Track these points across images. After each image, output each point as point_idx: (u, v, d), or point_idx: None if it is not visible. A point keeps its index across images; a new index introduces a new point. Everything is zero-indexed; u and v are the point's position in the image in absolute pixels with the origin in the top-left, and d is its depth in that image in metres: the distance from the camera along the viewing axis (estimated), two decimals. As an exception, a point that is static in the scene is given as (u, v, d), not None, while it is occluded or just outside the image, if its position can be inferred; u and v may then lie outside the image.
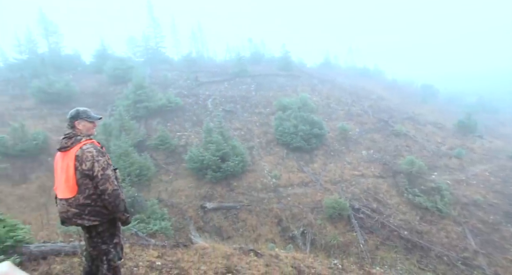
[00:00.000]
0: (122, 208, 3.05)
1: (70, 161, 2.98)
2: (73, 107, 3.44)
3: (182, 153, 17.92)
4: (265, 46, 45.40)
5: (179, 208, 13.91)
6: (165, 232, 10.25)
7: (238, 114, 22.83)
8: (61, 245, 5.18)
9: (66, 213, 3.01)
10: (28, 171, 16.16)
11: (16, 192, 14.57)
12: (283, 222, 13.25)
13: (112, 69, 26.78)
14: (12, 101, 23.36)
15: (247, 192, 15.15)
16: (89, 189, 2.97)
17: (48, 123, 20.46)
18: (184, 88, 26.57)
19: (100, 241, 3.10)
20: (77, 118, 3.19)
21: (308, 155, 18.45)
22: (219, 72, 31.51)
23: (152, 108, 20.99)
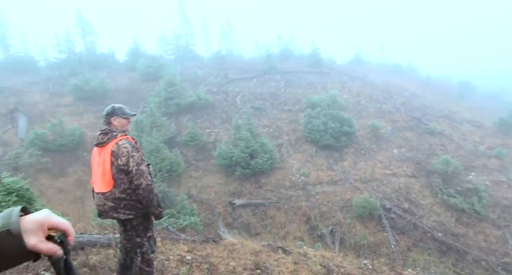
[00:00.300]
0: (156, 203, 3.12)
1: (106, 156, 3.08)
2: (107, 104, 3.54)
3: (211, 149, 18.14)
4: (295, 43, 45.07)
5: (208, 204, 14.11)
6: (195, 227, 10.42)
7: (267, 112, 22.81)
8: (97, 236, 5.38)
9: (103, 206, 3.12)
10: (66, 165, 16.90)
11: (55, 185, 15.28)
12: (311, 220, 13.14)
13: (144, 67, 27.45)
14: (52, 98, 24.47)
15: (275, 189, 15.14)
16: (124, 183, 3.05)
17: (84, 120, 21.29)
18: (213, 85, 26.84)
19: (135, 234, 3.19)
20: (113, 115, 3.27)
21: (337, 153, 18.18)
22: (248, 69, 31.58)
23: (182, 105, 21.35)
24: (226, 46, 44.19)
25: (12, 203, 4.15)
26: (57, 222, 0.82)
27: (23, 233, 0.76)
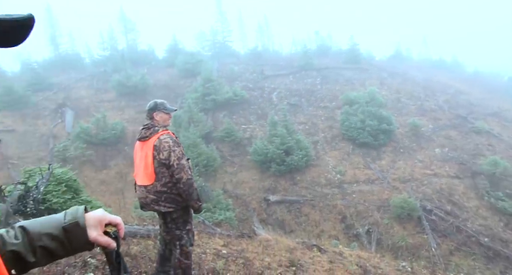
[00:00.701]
0: (195, 197, 3.18)
1: (148, 150, 3.18)
2: (147, 99, 3.66)
3: (246, 145, 18.26)
4: (332, 39, 44.19)
5: (243, 200, 14.24)
6: (230, 222, 10.56)
7: (303, 108, 22.61)
8: (137, 227, 5.59)
9: (145, 199, 3.22)
10: (108, 158, 17.68)
11: (98, 177, 16.04)
12: (347, 219, 12.91)
13: (183, 63, 28.04)
14: (96, 94, 25.65)
15: (310, 186, 15.00)
16: (165, 177, 3.14)
17: (125, 115, 22.14)
18: (250, 81, 26.95)
19: (174, 227, 3.27)
20: (155, 110, 3.36)
21: (375, 151, 17.70)
22: (285, 65, 31.41)
23: (219, 101, 21.62)
24: (263, 42, 44.13)
25: (61, 192, 4.40)
26: (112, 219, 0.97)
27: (87, 227, 0.91)
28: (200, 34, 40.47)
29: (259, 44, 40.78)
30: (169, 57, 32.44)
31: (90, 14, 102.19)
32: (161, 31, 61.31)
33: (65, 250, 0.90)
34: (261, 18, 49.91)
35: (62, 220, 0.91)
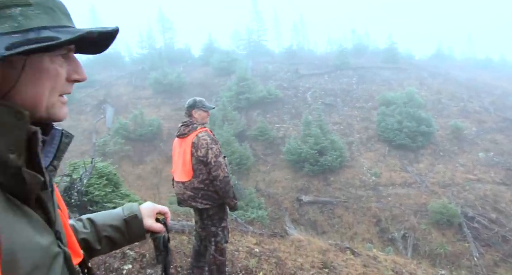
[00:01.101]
0: (231, 194, 3.19)
1: (187, 147, 3.22)
2: (183, 97, 3.72)
3: (280, 144, 18.20)
4: (369, 37, 43.20)
5: (275, 199, 14.21)
6: (262, 220, 10.56)
7: (338, 108, 22.22)
8: (172, 223, 5.69)
9: (182, 195, 3.27)
10: (145, 154, 18.22)
11: (135, 172, 16.57)
12: (382, 223, 12.55)
13: (218, 61, 28.36)
14: (134, 91, 26.51)
15: (344, 187, 14.72)
16: (203, 174, 3.17)
17: (161, 112, 22.71)
18: (284, 80, 26.83)
19: (210, 223, 3.29)
20: (194, 107, 3.40)
21: (412, 154, 17.08)
22: (320, 64, 31.00)
23: (253, 100, 21.69)
24: (297, 41, 43.77)
25: (102, 185, 4.58)
26: (161, 208, 1.11)
27: (143, 217, 1.04)
28: (235, 33, 40.82)
29: (294, 43, 40.47)
30: (204, 56, 32.92)
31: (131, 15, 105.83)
32: (198, 30, 62.48)
33: (125, 239, 1.03)
34: (297, 17, 49.64)
35: (121, 214, 1.04)
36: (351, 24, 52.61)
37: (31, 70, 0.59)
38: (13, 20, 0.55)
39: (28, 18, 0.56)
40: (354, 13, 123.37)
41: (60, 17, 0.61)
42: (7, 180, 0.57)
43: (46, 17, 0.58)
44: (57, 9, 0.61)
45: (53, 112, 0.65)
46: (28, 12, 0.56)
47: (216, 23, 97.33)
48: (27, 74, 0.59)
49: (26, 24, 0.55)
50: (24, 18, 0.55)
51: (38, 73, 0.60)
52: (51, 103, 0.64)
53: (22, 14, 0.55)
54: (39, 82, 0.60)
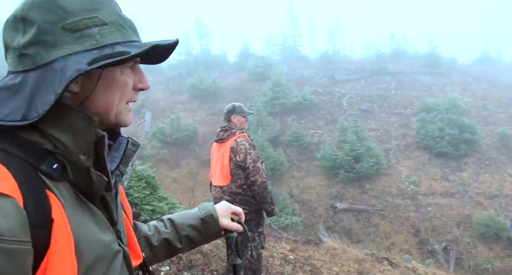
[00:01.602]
0: (269, 200, 3.18)
1: (225, 151, 3.24)
2: (218, 102, 3.76)
3: (314, 150, 17.98)
4: (408, 42, 41.84)
5: (309, 205, 14.02)
6: (295, 227, 10.45)
7: (375, 114, 21.66)
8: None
9: (220, 199, 3.28)
10: (180, 158, 18.60)
11: (171, 175, 16.95)
12: (421, 233, 12.02)
13: (253, 67, 28.54)
14: (171, 96, 27.22)
15: (381, 196, 14.28)
16: (241, 179, 3.17)
17: (197, 116, 23.14)
18: (319, 86, 26.56)
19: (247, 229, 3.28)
20: (233, 113, 3.42)
21: (455, 162, 16.28)
22: (356, 69, 30.41)
23: (287, 105, 21.62)
24: (333, 46, 43.27)
25: (141, 188, 4.69)
26: (235, 209, 1.14)
27: (219, 217, 1.08)
28: (271, 38, 40.95)
29: (329, 48, 40.07)
30: (240, 61, 33.25)
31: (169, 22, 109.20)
32: (233, 36, 63.36)
33: (202, 237, 1.08)
34: (333, 22, 49.07)
35: (198, 213, 1.09)
36: (389, 29, 51.40)
37: (105, 81, 0.67)
38: (92, 39, 0.62)
39: (104, 36, 0.63)
40: (392, 17, 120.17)
41: (129, 33, 0.69)
42: (78, 179, 0.65)
43: (118, 34, 0.66)
44: (127, 26, 0.69)
45: (120, 118, 0.72)
46: (104, 31, 0.64)
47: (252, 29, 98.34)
48: (101, 85, 0.67)
49: (102, 41, 0.63)
50: (101, 36, 0.63)
51: (110, 84, 0.68)
52: (119, 110, 0.71)
53: (100, 33, 0.63)
54: (110, 92, 0.68)
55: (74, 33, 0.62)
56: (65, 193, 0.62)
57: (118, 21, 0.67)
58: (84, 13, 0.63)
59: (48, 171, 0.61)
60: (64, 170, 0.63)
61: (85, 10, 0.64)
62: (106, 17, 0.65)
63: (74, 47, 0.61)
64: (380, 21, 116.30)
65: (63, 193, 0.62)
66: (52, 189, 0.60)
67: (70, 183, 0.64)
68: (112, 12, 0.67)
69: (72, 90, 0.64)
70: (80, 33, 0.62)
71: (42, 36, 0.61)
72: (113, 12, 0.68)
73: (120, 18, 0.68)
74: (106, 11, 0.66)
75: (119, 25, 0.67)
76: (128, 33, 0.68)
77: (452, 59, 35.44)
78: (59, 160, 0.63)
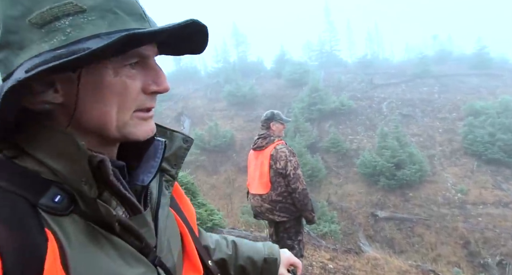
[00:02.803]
0: (310, 207, 3.13)
1: (265, 159, 3.22)
2: (255, 109, 3.74)
3: (353, 156, 17.54)
4: (453, 43, 39.96)
5: (348, 213, 13.65)
6: (334, 235, 10.18)
7: (417, 119, 20.79)
8: (246, 233, 5.74)
9: (260, 208, 3.25)
10: (218, 164, 18.83)
11: (209, 181, 17.18)
12: (471, 245, 11.28)
13: (290, 73, 28.46)
14: (209, 103, 27.73)
15: (425, 204, 13.61)
16: (281, 186, 3.14)
17: (235, 123, 23.36)
18: (357, 91, 25.97)
19: (286, 236, 3.23)
20: (272, 120, 3.41)
21: (508, 170, 15.20)
22: (396, 73, 29.45)
23: (325, 111, 21.33)
24: (372, 50, 42.21)
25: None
26: (295, 261, 1.10)
27: (279, 263, 1.05)
28: (307, 44, 40.72)
29: (368, 52, 39.14)
30: (276, 68, 33.31)
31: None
32: (270, 43, 63.71)
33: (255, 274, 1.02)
34: (371, 25, 48.01)
35: (263, 251, 1.04)
36: (432, 30, 49.42)
37: (91, 87, 0.52)
38: (61, 33, 0.48)
39: (78, 27, 0.49)
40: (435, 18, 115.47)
41: (124, 19, 0.52)
42: (89, 209, 0.54)
43: (101, 22, 0.50)
44: (120, 10, 0.52)
45: (126, 132, 0.57)
46: (79, 21, 0.49)
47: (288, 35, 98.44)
48: (87, 91, 0.52)
49: (75, 35, 0.48)
50: (74, 28, 0.49)
51: (99, 89, 0.53)
52: (122, 123, 0.56)
53: (72, 25, 0.48)
54: (101, 100, 0.53)
55: (41, 28, 0.49)
56: (71, 229, 0.52)
57: (105, 5, 0.51)
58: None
59: (50, 205, 0.51)
60: (73, 201, 0.53)
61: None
62: (86, 1, 0.50)
63: (41, 47, 0.48)
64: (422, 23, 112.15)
65: (68, 229, 0.51)
66: (52, 227, 0.50)
67: (81, 214, 0.53)
68: None
69: (50, 101, 0.52)
70: (47, 27, 0.49)
71: (8, 36, 0.50)
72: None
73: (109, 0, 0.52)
74: None
75: (106, 10, 0.51)
76: (120, 19, 0.52)
77: (503, 59, 33.21)
78: (66, 190, 0.53)
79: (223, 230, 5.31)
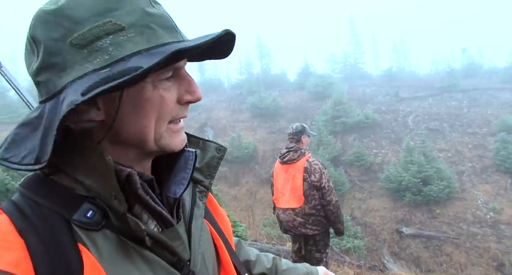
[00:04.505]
0: (342, 219, 3.14)
1: (297, 172, 3.19)
2: (277, 121, 3.74)
3: (377, 171, 17.16)
4: (483, 56, 38.96)
5: (372, 228, 13.29)
6: (358, 251, 9.90)
7: (445, 134, 20.20)
8: (268, 246, 5.66)
9: (292, 222, 3.21)
10: (240, 176, 18.84)
11: (231, 193, 17.17)
12: (505, 268, 10.68)
13: (313, 85, 28.40)
14: (233, 114, 27.96)
15: (453, 222, 13.09)
16: (315, 199, 3.12)
17: (257, 135, 23.40)
18: (382, 104, 25.58)
19: (315, 250, 3.18)
20: (303, 133, 3.40)
21: (544, 189, 14.48)
22: (423, 86, 28.86)
23: (349, 124, 21.10)
24: (397, 63, 41.72)
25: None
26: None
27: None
28: (331, 56, 40.65)
29: (393, 65, 38.66)
30: (299, 80, 33.37)
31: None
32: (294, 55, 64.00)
33: None
34: (397, 37, 47.49)
35: (302, 269, 1.03)
36: (461, 43, 48.32)
37: (131, 102, 0.53)
38: (104, 53, 0.49)
39: (119, 46, 0.49)
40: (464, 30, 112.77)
41: (158, 33, 0.52)
42: (120, 224, 0.55)
43: (140, 39, 0.51)
44: (155, 25, 0.52)
45: (163, 144, 0.58)
46: (119, 39, 0.49)
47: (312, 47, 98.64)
48: (128, 106, 0.53)
49: (118, 53, 0.49)
50: (116, 47, 0.49)
51: (139, 104, 0.54)
52: (159, 135, 0.57)
53: (113, 43, 0.49)
54: (141, 114, 0.54)
55: (84, 49, 0.49)
56: (103, 244, 0.52)
57: (142, 21, 0.51)
58: (94, 19, 0.49)
59: (82, 220, 0.52)
60: (105, 216, 0.54)
61: (96, 15, 0.50)
62: (124, 18, 0.50)
63: (85, 68, 0.49)
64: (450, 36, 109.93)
65: (100, 244, 0.52)
66: (84, 242, 0.51)
67: (113, 229, 0.54)
68: (133, 10, 0.51)
69: (93, 119, 0.53)
70: (90, 47, 0.49)
71: (50, 58, 0.50)
72: (134, 10, 0.51)
73: (145, 15, 0.52)
74: (124, 11, 0.51)
75: (143, 26, 0.51)
76: (156, 33, 0.52)
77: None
78: (98, 205, 0.53)
79: (245, 242, 5.26)
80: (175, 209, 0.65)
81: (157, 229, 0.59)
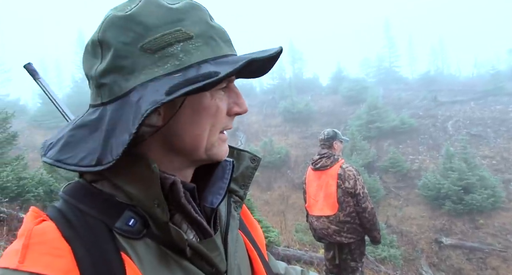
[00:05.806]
0: (378, 226, 3.03)
1: (331, 179, 3.11)
2: (309, 125, 3.68)
3: (414, 178, 16.53)
4: (531, 56, 36.66)
5: (409, 237, 12.77)
6: (394, 260, 9.55)
7: (489, 140, 19.14)
8: (301, 253, 5.55)
9: (326, 230, 3.12)
10: (272, 180, 18.77)
11: (263, 198, 17.13)
12: (556, 285, 9.93)
13: (347, 90, 27.97)
14: (265, 119, 28.00)
15: (499, 234, 12.31)
16: (350, 206, 3.03)
17: (289, 140, 23.26)
18: (419, 108, 24.68)
19: (350, 258, 3.07)
20: (336, 139, 3.34)
21: None
22: (464, 90, 27.60)
23: (384, 129, 20.54)
24: (435, 66, 40.12)
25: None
26: None
27: None
28: (365, 60, 39.88)
29: (431, 68, 37.26)
30: (332, 84, 33.01)
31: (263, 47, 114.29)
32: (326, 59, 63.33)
33: None
34: (435, 40, 45.74)
35: None
36: (506, 44, 45.84)
37: (190, 110, 0.55)
38: (174, 59, 0.51)
39: (188, 53, 0.52)
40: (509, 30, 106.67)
41: (220, 46, 0.56)
42: (161, 233, 0.55)
43: (206, 48, 0.54)
44: (217, 37, 0.56)
45: (213, 153, 0.60)
46: (188, 47, 0.52)
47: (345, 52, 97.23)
48: (185, 114, 0.55)
49: (187, 60, 0.52)
50: (185, 54, 0.52)
51: (197, 112, 0.55)
52: (210, 144, 0.58)
53: (183, 50, 0.52)
54: (198, 122, 0.56)
55: (155, 54, 0.51)
56: (144, 253, 0.52)
57: (207, 32, 0.55)
58: (166, 26, 0.52)
59: (124, 229, 0.52)
60: (145, 225, 0.54)
61: (167, 23, 0.52)
62: (192, 28, 0.53)
63: (155, 72, 0.51)
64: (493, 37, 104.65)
65: (140, 253, 0.52)
66: (127, 251, 0.51)
67: (153, 238, 0.54)
68: (199, 21, 0.55)
69: (153, 124, 0.54)
70: (161, 53, 0.51)
71: (118, 60, 0.52)
72: (200, 21, 0.55)
73: (208, 27, 0.55)
74: (191, 21, 0.54)
75: (208, 37, 0.54)
76: (219, 46, 0.55)
77: None
78: (139, 214, 0.54)
79: (278, 248, 5.18)
80: (212, 219, 0.65)
81: (195, 239, 0.59)
